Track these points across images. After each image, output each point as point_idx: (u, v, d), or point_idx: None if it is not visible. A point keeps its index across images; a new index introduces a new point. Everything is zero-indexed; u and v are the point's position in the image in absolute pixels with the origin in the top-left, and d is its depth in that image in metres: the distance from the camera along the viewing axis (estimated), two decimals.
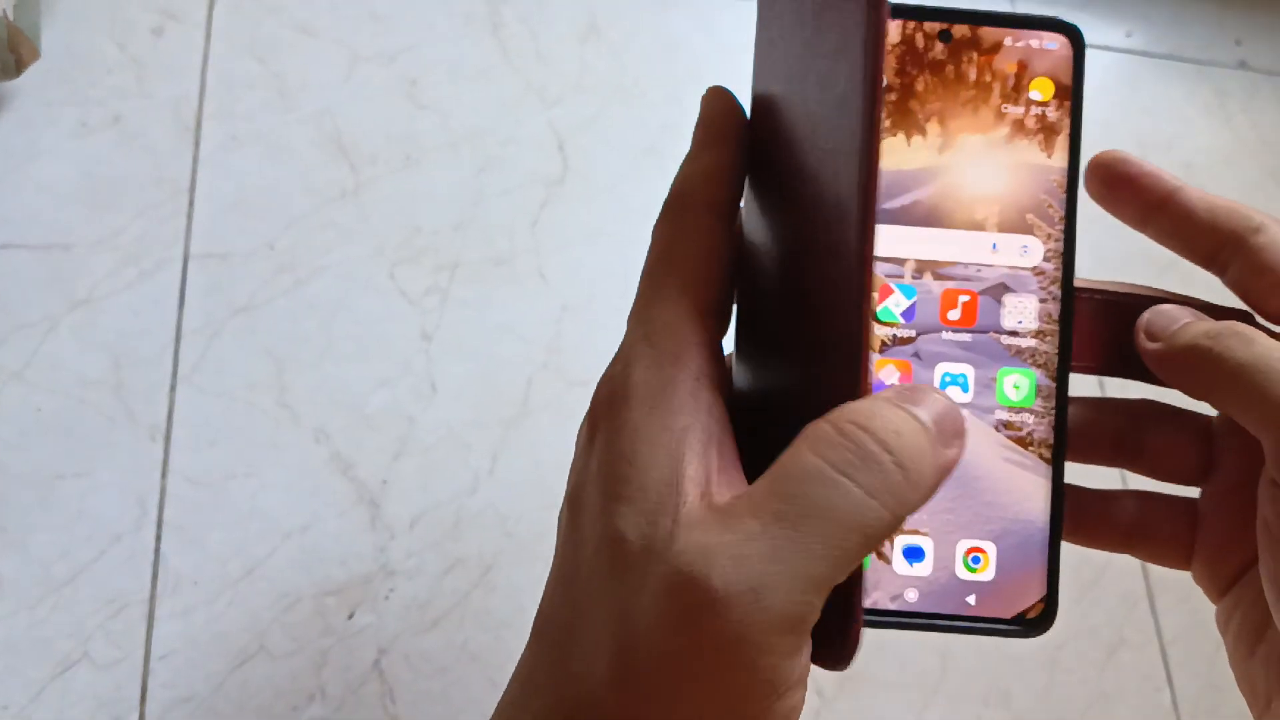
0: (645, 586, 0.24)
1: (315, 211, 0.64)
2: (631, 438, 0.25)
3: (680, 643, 0.23)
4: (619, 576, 0.24)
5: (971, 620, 0.32)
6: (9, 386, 0.56)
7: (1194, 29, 0.94)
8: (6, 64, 0.57)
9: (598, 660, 0.24)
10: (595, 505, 0.26)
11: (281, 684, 0.54)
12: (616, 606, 0.24)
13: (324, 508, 0.58)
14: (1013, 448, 0.33)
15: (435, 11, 0.72)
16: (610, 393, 0.27)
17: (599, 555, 0.25)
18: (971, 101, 0.33)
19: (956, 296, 0.33)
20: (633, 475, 0.25)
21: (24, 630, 0.52)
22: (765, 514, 0.23)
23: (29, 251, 0.59)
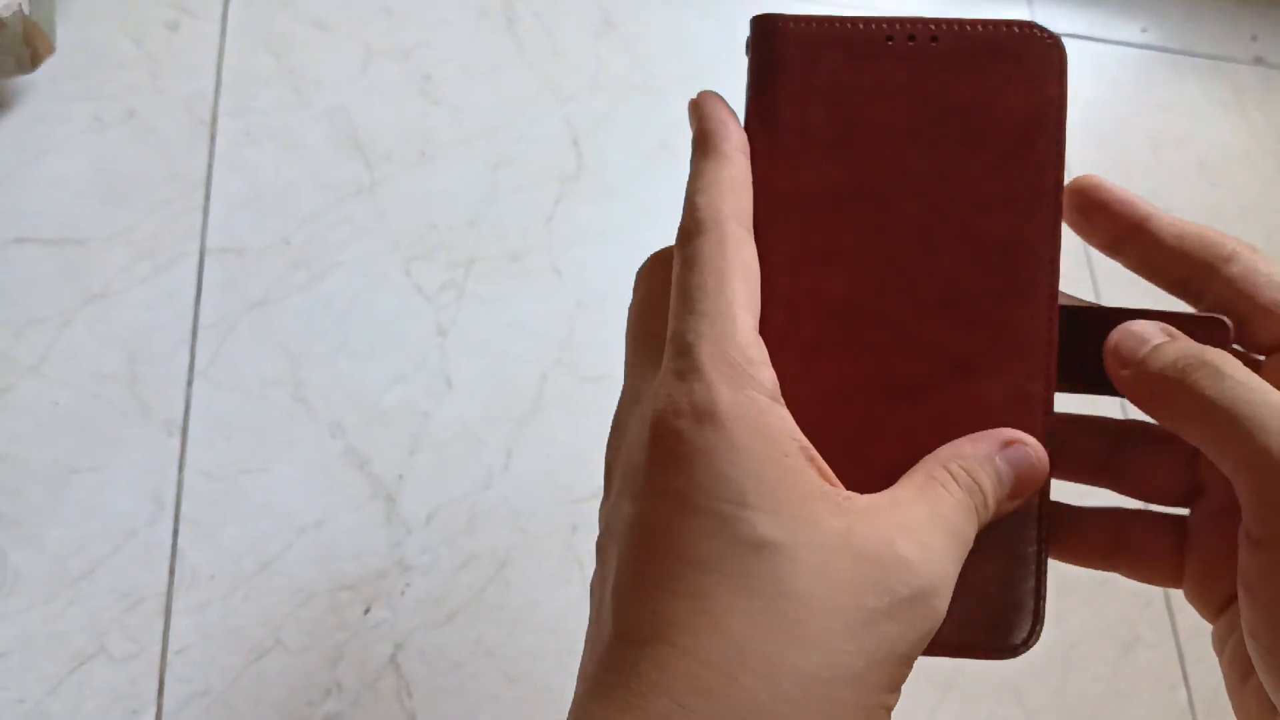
0: (846, 574, 0.26)
1: (330, 207, 0.64)
2: (734, 454, 0.26)
3: (897, 607, 0.26)
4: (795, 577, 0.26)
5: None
6: (25, 381, 0.56)
7: (1209, 25, 0.93)
8: (22, 58, 0.57)
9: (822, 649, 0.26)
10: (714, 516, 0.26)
11: (297, 679, 0.55)
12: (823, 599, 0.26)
13: (339, 503, 0.58)
14: None
15: (449, 7, 0.72)
16: (697, 411, 0.27)
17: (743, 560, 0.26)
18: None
19: None
20: (750, 485, 0.26)
21: (40, 624, 0.53)
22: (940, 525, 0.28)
23: (44, 246, 0.59)
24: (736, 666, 0.25)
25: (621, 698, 0.25)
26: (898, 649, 0.26)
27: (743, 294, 0.28)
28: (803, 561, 0.26)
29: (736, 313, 0.28)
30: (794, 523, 0.26)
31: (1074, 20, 0.88)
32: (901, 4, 0.85)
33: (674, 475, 0.27)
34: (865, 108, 0.31)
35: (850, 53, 0.32)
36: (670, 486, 0.27)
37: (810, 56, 0.32)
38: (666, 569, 0.26)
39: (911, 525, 0.27)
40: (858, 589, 0.26)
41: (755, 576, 0.26)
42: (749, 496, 0.26)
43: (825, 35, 0.32)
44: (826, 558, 0.26)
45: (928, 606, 0.26)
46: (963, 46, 0.31)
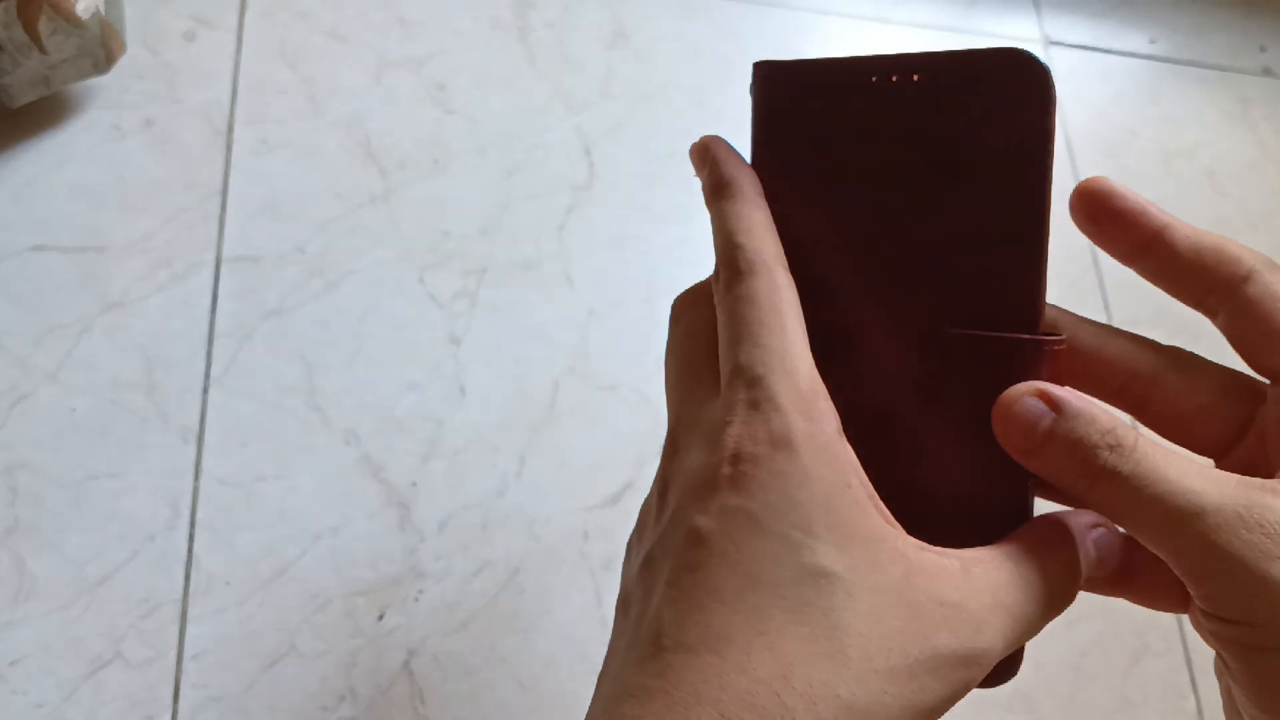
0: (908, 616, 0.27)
1: (345, 216, 0.64)
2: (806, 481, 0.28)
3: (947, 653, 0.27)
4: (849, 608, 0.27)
5: None
6: (43, 387, 0.57)
7: (1217, 36, 0.94)
8: (99, 60, 0.58)
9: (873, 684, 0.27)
10: (782, 540, 0.27)
11: (312, 684, 0.55)
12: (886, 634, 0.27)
13: (354, 509, 0.58)
14: None
15: (462, 17, 0.73)
16: (773, 439, 0.28)
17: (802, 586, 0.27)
18: None
19: None
20: (818, 515, 0.27)
21: (58, 630, 0.53)
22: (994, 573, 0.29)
23: (62, 254, 0.59)
24: (782, 686, 0.25)
25: (662, 702, 0.26)
26: (929, 702, 0.27)
27: (800, 333, 0.30)
28: (858, 599, 0.26)
29: (800, 349, 0.29)
30: (855, 559, 0.27)
31: (1082, 31, 0.89)
32: (913, 13, 0.85)
33: (748, 497, 0.28)
34: (849, 148, 0.32)
35: (836, 94, 0.32)
36: (744, 507, 0.28)
37: (799, 100, 0.33)
38: (727, 584, 0.27)
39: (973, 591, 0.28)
40: (905, 637, 0.26)
41: (812, 605, 0.26)
42: (816, 525, 0.27)
43: (812, 78, 0.33)
44: (881, 600, 0.27)
45: (966, 671, 0.27)
46: (946, 81, 0.31)
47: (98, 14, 0.56)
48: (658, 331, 0.67)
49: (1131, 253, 0.32)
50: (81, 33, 0.55)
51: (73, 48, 0.56)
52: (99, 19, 0.56)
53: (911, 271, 0.31)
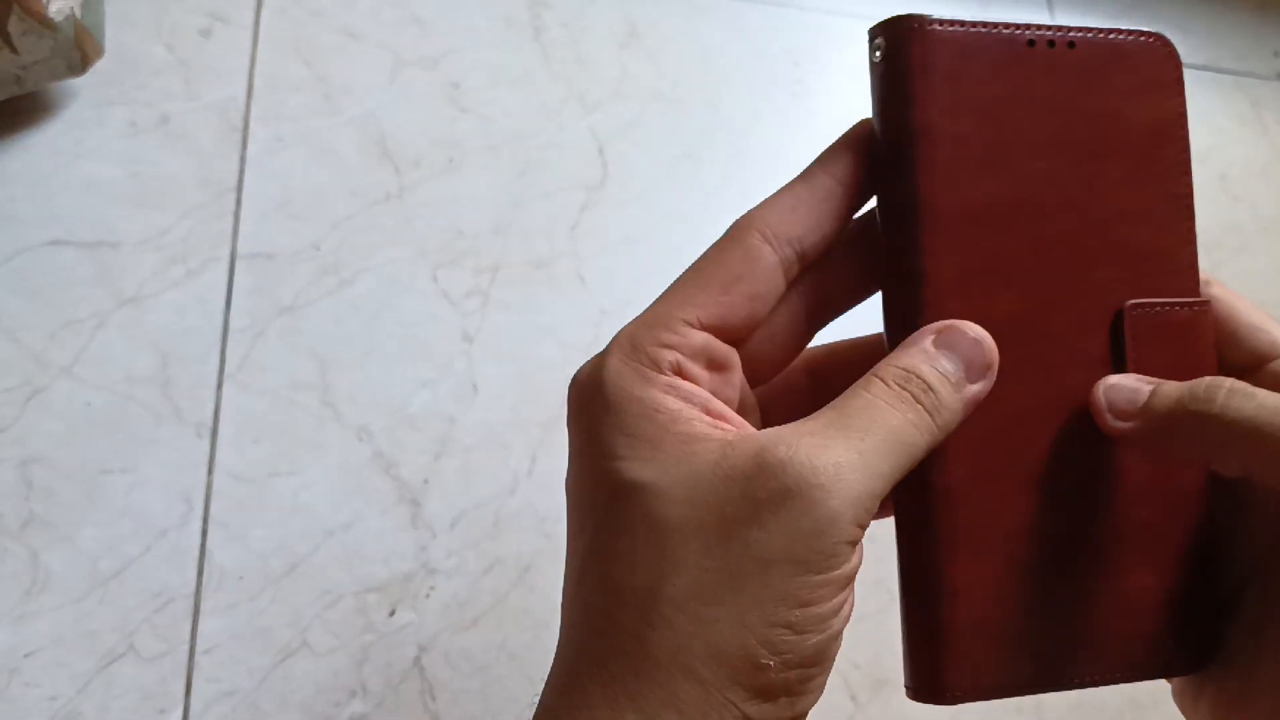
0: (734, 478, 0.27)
1: (360, 213, 0.65)
2: (607, 416, 0.28)
3: (765, 495, 0.26)
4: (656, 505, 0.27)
5: None
6: (58, 382, 0.57)
7: (1231, 40, 0.93)
8: (73, 62, 0.58)
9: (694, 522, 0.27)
10: (594, 473, 0.28)
11: (323, 680, 0.55)
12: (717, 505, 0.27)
13: (366, 506, 0.59)
14: None
15: (477, 16, 0.73)
16: (590, 380, 0.29)
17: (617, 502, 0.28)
18: None
19: None
20: (621, 441, 0.28)
21: (71, 623, 0.53)
22: (835, 424, 0.28)
23: (78, 249, 0.60)
24: (614, 604, 0.26)
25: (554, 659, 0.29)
26: (770, 555, 0.26)
27: (698, 291, 0.30)
28: (671, 493, 0.27)
29: (673, 308, 0.30)
30: (666, 463, 0.27)
31: None
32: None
33: (572, 436, 0.30)
34: (1013, 118, 0.31)
35: (996, 59, 0.31)
36: (571, 448, 0.30)
37: (958, 63, 0.31)
38: (571, 526, 0.29)
39: (791, 432, 0.27)
40: (720, 505, 0.26)
41: (627, 516, 0.27)
42: (620, 449, 0.28)
43: (970, 40, 0.31)
44: (695, 485, 0.27)
45: (804, 500, 0.26)
46: (1097, 54, 0.32)
47: (71, 16, 0.56)
48: None
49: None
50: (54, 35, 0.55)
51: (46, 49, 0.56)
52: (73, 22, 0.56)
53: (1083, 245, 0.31)
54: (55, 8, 0.55)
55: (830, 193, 0.31)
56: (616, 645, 0.26)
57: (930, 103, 0.30)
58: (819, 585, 0.26)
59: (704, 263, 0.30)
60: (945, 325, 0.29)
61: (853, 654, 0.63)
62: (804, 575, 0.26)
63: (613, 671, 0.26)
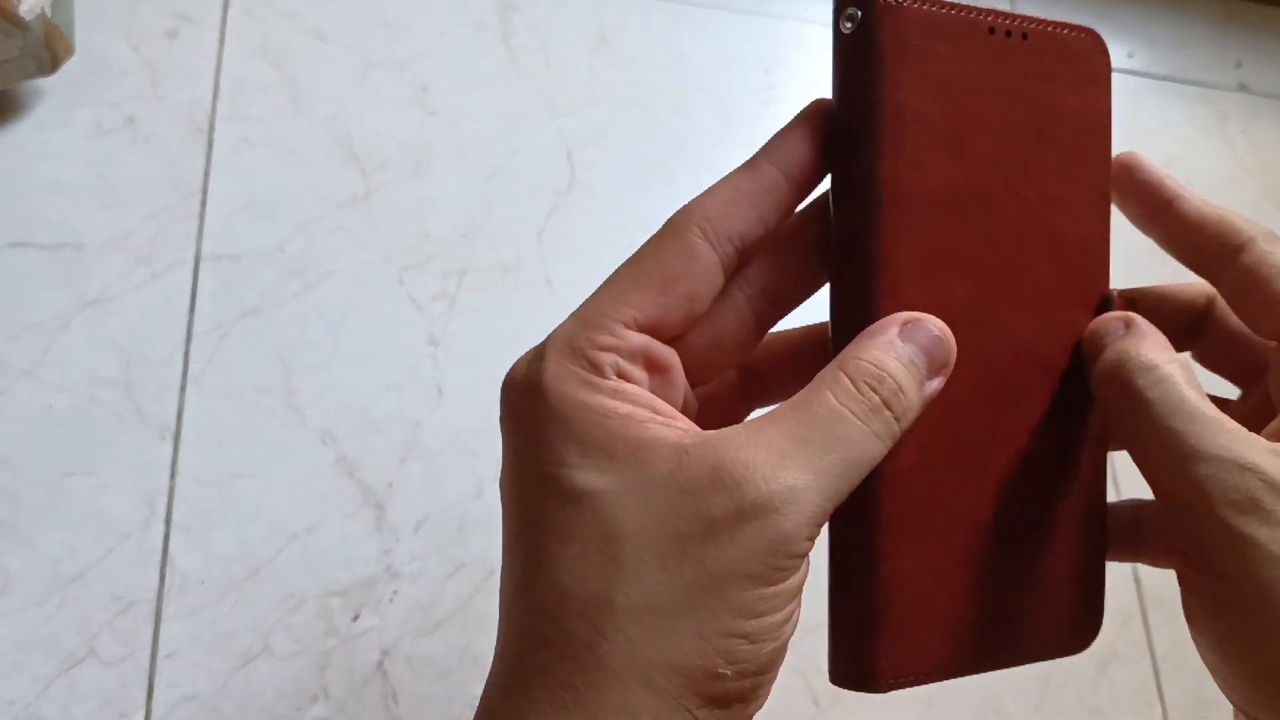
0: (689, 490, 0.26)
1: (326, 216, 0.64)
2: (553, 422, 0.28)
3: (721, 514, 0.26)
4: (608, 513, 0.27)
5: None
6: (20, 384, 0.57)
7: (1195, 51, 0.95)
8: (43, 61, 0.58)
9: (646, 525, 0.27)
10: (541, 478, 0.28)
11: (285, 684, 0.55)
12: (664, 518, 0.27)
13: (330, 510, 0.59)
14: None
15: (446, 19, 0.73)
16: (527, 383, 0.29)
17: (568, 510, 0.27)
18: None
19: None
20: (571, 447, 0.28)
21: (31, 627, 0.53)
22: (796, 436, 0.27)
23: (41, 251, 0.59)
24: (563, 612, 0.26)
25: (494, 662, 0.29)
26: (726, 571, 0.26)
27: (635, 290, 0.30)
28: (624, 502, 0.27)
29: (609, 307, 0.30)
30: (619, 469, 0.27)
31: None
32: None
33: (509, 440, 0.29)
34: (972, 102, 0.31)
35: (961, 42, 0.31)
36: (510, 455, 0.29)
37: (927, 42, 0.31)
38: (513, 532, 0.29)
39: (748, 442, 0.27)
40: (675, 518, 0.26)
41: (578, 524, 0.27)
42: (570, 456, 0.27)
43: (939, 21, 0.31)
44: (649, 495, 0.26)
45: (760, 523, 0.26)
46: (1044, 45, 0.32)
47: (42, 16, 0.56)
48: None
49: (1145, 218, 0.35)
50: (24, 34, 0.55)
51: (15, 49, 0.56)
52: (43, 21, 0.56)
53: (1023, 234, 0.32)
54: (25, 7, 0.54)
55: (774, 185, 0.31)
56: (566, 652, 0.26)
57: (900, 79, 0.30)
58: (772, 597, 0.26)
59: (640, 259, 0.30)
60: (911, 317, 0.29)
61: (816, 657, 0.64)
62: (758, 589, 0.26)
63: (561, 678, 0.26)
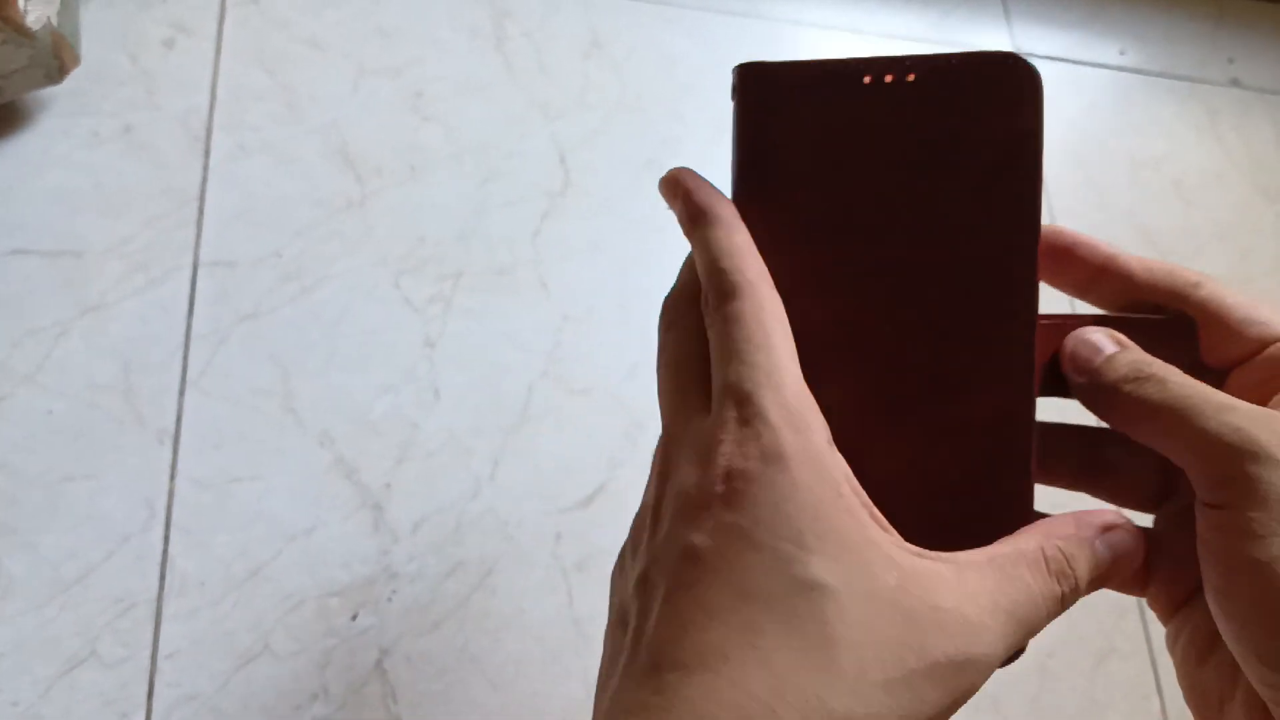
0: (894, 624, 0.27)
1: (322, 221, 0.65)
2: (796, 493, 0.28)
3: (944, 659, 0.27)
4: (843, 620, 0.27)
5: None
6: (21, 390, 0.57)
7: (1187, 47, 0.95)
8: (50, 70, 0.58)
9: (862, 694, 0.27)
10: (773, 554, 0.27)
11: (285, 684, 0.56)
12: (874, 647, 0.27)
13: (328, 511, 0.59)
14: None
15: (440, 26, 0.73)
16: (764, 455, 0.28)
17: (792, 600, 0.27)
18: None
19: None
20: (808, 526, 0.27)
21: (33, 629, 0.53)
22: (997, 605, 0.28)
23: (41, 258, 0.60)
24: (776, 700, 0.26)
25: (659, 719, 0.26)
26: (928, 712, 0.27)
27: (787, 348, 0.30)
28: (850, 609, 0.27)
29: (786, 364, 0.30)
30: (847, 569, 0.27)
31: (1053, 42, 0.90)
32: (887, 24, 0.86)
33: (740, 513, 0.28)
34: (846, 146, 0.32)
35: (829, 94, 0.32)
36: (736, 524, 0.28)
37: (792, 100, 0.32)
38: (720, 600, 0.27)
39: (968, 595, 0.28)
40: (901, 647, 0.27)
41: (804, 617, 0.27)
42: (806, 537, 0.27)
43: (804, 78, 0.32)
44: (875, 609, 0.27)
45: (965, 677, 0.27)
46: (940, 81, 0.32)
47: (49, 26, 0.57)
48: (631, 337, 0.68)
49: (1086, 281, 0.35)
50: (32, 44, 0.56)
51: (24, 58, 0.56)
52: (50, 31, 0.57)
53: (910, 266, 0.32)
54: (33, 16, 0.55)
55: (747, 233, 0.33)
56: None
57: (763, 136, 0.32)
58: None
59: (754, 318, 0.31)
60: (1113, 523, 0.31)
61: None
62: (953, 710, 0.28)
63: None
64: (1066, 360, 0.33)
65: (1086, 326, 0.33)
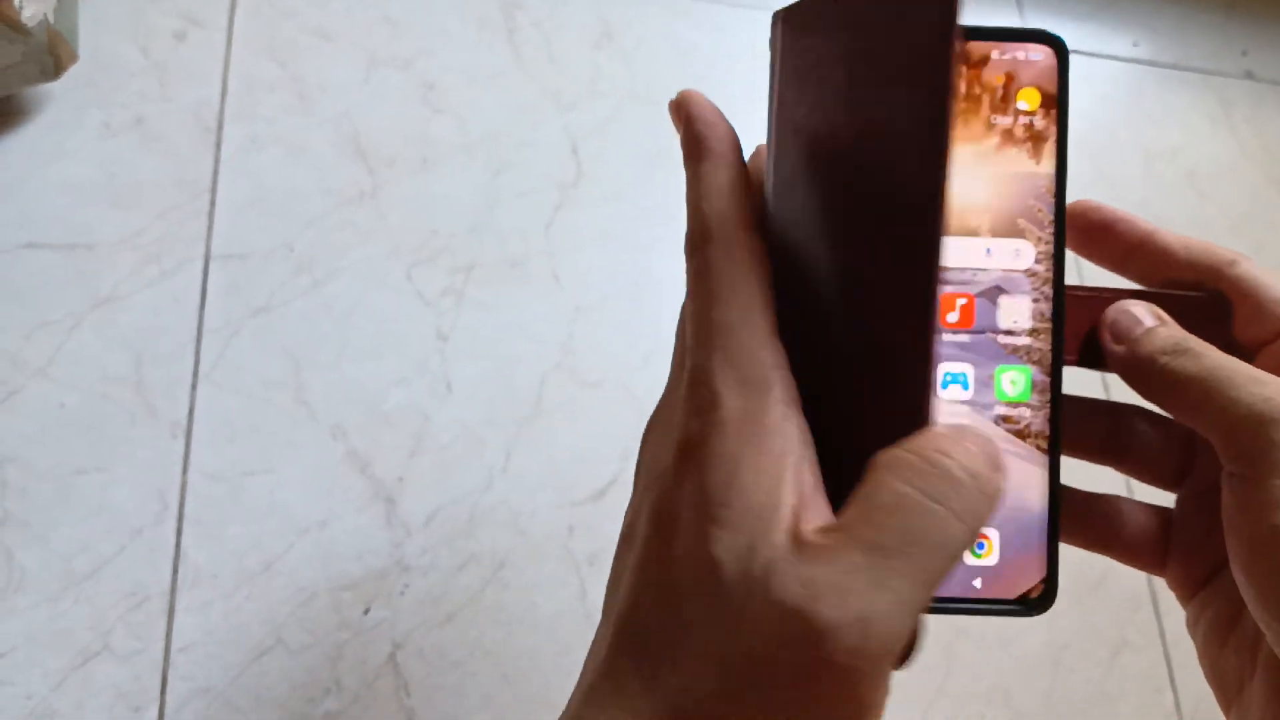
0: (752, 614, 0.25)
1: (333, 212, 0.65)
2: (731, 466, 0.26)
3: (791, 670, 0.24)
4: (723, 602, 0.25)
5: (977, 602, 0.34)
6: (33, 383, 0.57)
7: (1200, 39, 0.94)
8: (46, 66, 0.58)
9: (705, 677, 0.25)
10: (690, 528, 0.26)
11: (298, 677, 0.55)
12: (722, 631, 0.25)
13: (340, 504, 0.59)
14: (1011, 440, 0.34)
15: (450, 16, 0.73)
16: (703, 420, 0.27)
17: (697, 578, 0.26)
18: (962, 114, 0.35)
19: (955, 300, 0.35)
20: (732, 501, 0.26)
21: (46, 622, 0.53)
22: (863, 544, 0.25)
23: (53, 251, 0.60)
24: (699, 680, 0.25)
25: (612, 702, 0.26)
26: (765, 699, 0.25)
27: (755, 298, 0.28)
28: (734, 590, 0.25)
29: (746, 319, 0.28)
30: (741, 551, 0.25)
31: (1066, 34, 0.89)
32: None
33: (686, 486, 0.27)
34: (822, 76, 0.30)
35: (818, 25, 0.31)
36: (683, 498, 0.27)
37: (796, 38, 0.31)
38: (663, 578, 0.27)
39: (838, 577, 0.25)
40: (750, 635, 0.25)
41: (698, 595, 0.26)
42: (720, 511, 0.26)
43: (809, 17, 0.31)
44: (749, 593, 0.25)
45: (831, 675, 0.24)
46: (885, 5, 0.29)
47: (44, 22, 0.56)
48: (644, 328, 0.68)
49: (1125, 255, 0.35)
50: (26, 40, 0.56)
51: (17, 54, 0.56)
52: (46, 27, 0.56)
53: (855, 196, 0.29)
54: (28, 13, 0.55)
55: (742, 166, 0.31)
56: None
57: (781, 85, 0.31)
58: None
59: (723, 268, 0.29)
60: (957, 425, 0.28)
61: None
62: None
63: None
64: (1106, 329, 0.33)
65: (1128, 299, 0.34)
